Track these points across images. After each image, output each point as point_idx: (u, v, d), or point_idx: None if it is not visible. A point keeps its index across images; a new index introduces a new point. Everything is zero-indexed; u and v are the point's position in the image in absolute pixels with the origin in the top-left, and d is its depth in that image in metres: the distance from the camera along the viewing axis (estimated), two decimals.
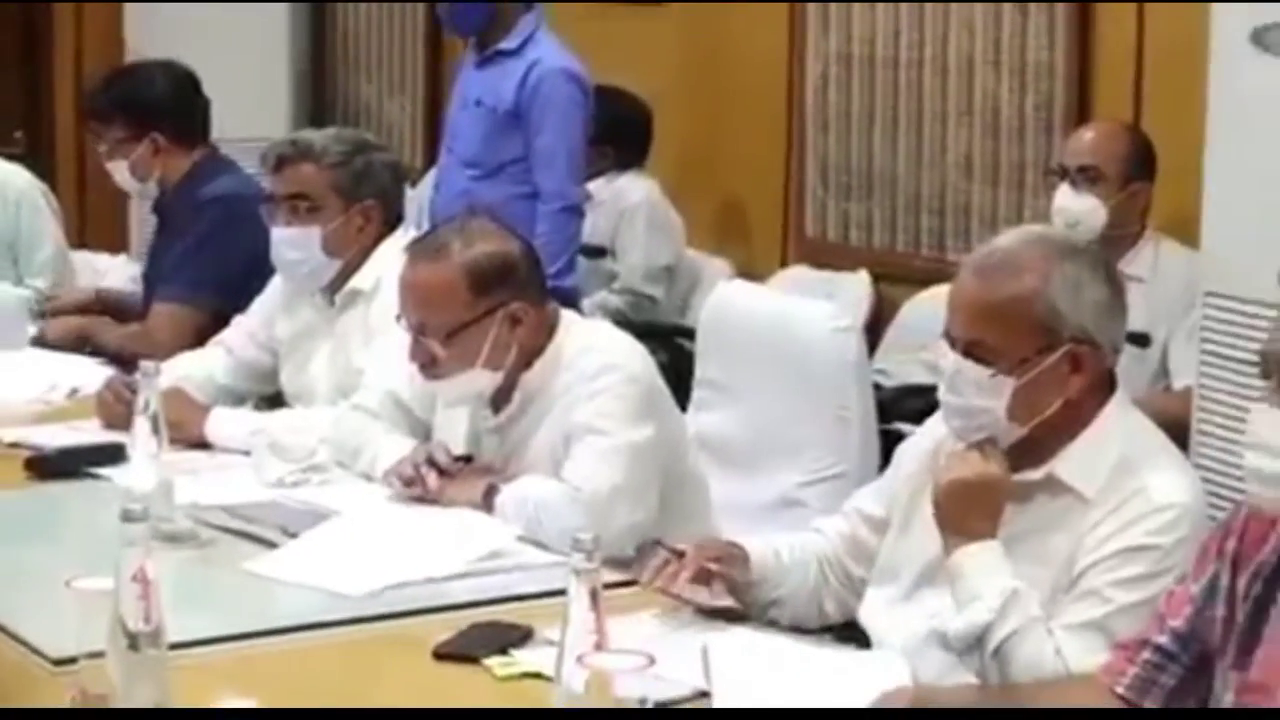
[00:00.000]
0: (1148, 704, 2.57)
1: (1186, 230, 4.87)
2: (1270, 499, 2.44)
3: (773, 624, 3.14)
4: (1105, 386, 2.97)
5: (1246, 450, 2.44)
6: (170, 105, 5.20)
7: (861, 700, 2.51)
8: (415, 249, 3.79)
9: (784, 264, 6.29)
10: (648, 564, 3.17)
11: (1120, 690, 2.58)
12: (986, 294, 2.93)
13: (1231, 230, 4.62)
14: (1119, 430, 2.93)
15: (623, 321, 6.17)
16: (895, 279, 6.07)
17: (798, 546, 3.24)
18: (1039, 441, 2.93)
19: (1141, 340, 4.98)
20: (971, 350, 2.90)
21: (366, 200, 4.36)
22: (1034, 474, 2.93)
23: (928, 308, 5.17)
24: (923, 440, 3.17)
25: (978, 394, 2.90)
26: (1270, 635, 2.45)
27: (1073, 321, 2.89)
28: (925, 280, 5.76)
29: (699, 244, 6.59)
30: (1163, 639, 2.58)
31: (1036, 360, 2.88)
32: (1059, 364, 2.89)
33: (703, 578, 3.06)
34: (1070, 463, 2.91)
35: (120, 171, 5.22)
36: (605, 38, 6.91)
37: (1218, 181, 4.67)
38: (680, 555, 3.09)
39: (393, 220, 4.43)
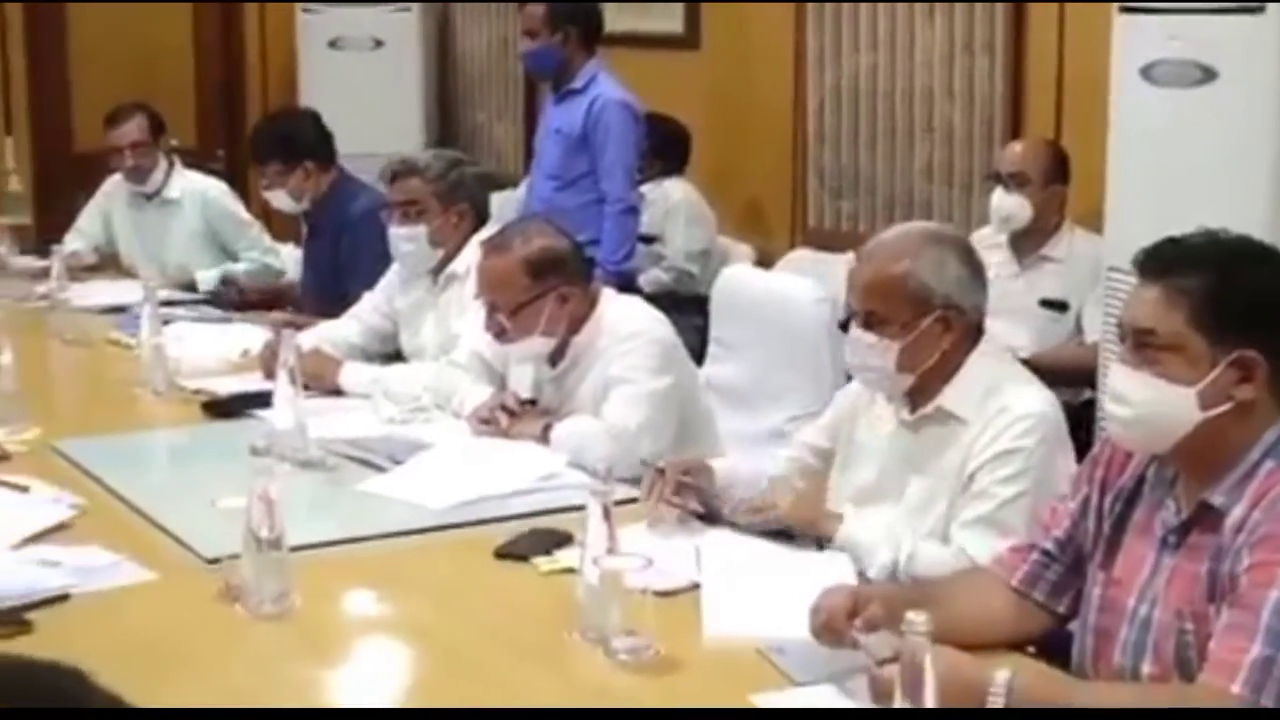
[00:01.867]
0: (1036, 594, 2.55)
1: (1094, 221, 4.83)
2: (1124, 437, 2.43)
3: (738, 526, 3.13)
4: (973, 337, 2.96)
5: (1106, 400, 2.43)
6: (312, 141, 5.21)
7: (812, 591, 2.48)
8: (486, 245, 3.80)
9: (792, 247, 6.26)
10: (641, 484, 3.15)
11: (1014, 583, 2.57)
12: (872, 275, 2.96)
13: (1128, 220, 4.57)
14: (984, 368, 2.94)
15: (669, 293, 6.20)
16: None
17: (756, 468, 3.27)
18: (926, 384, 2.94)
19: (1061, 306, 4.97)
20: (866, 320, 2.93)
21: (460, 204, 4.35)
22: (926, 409, 2.95)
23: None
24: (852, 386, 3.19)
25: (871, 355, 2.93)
26: (1127, 543, 2.44)
27: (940, 293, 2.90)
28: None
29: (727, 232, 6.57)
30: (1047, 544, 2.56)
31: (914, 324, 2.89)
32: (932, 327, 2.90)
33: (680, 489, 3.08)
34: (950, 397, 2.92)
35: (279, 198, 5.22)
36: (655, 76, 6.88)
37: (1117, 183, 4.66)
38: (661, 472, 3.11)
39: (482, 218, 4.41)
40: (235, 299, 5.49)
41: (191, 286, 5.66)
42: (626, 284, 5.37)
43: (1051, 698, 2.20)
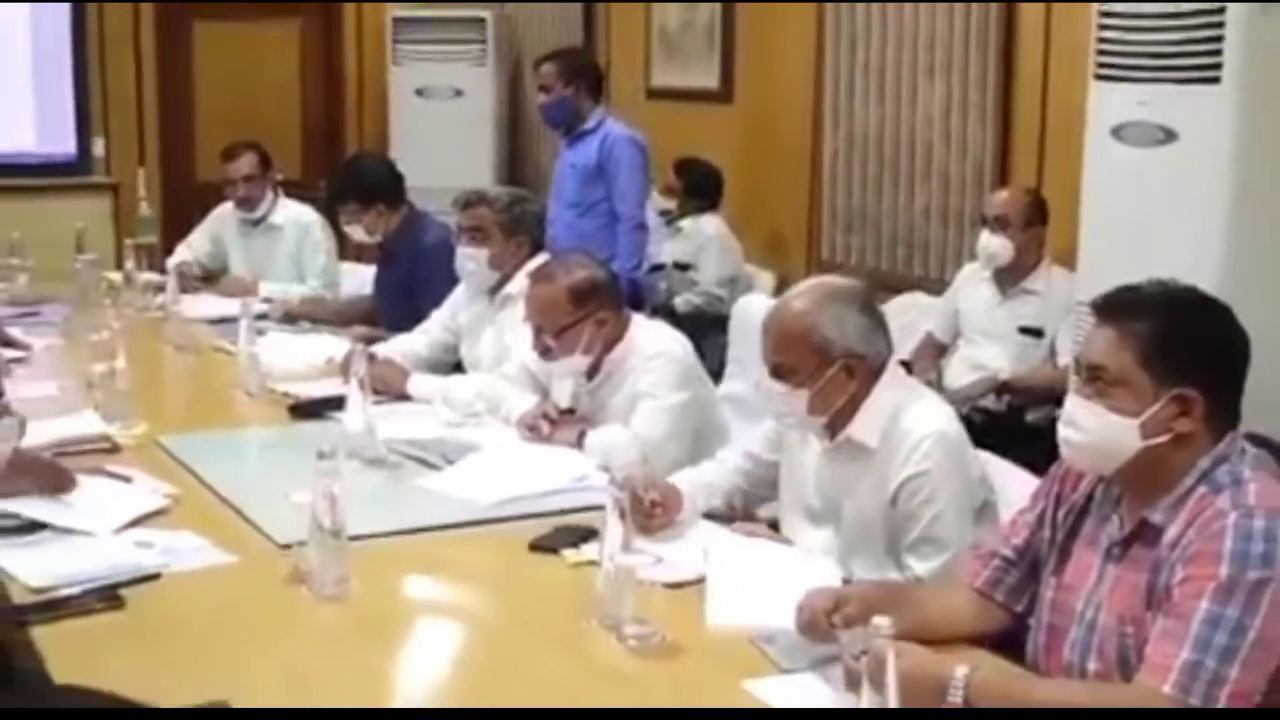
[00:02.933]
0: (996, 595, 2.50)
1: (1069, 259, 4.77)
2: (1074, 459, 2.39)
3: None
4: (876, 376, 2.90)
5: (1060, 425, 2.38)
6: (384, 185, 5.19)
7: (800, 588, 2.44)
8: (534, 275, 3.78)
9: (807, 275, 6.19)
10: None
11: (977, 585, 2.52)
12: (779, 330, 2.90)
13: (1099, 259, 4.54)
14: (886, 398, 2.87)
15: (700, 314, 6.17)
16: (879, 287, 5.96)
17: (712, 483, 3.18)
18: (835, 420, 2.89)
19: (1037, 333, 4.91)
20: (776, 370, 2.88)
21: (520, 235, 4.34)
22: (839, 439, 2.90)
23: (896, 307, 5.12)
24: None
25: (782, 402, 2.89)
26: (1077, 552, 2.40)
27: (840, 345, 2.84)
28: (899, 289, 5.68)
29: (753, 261, 6.55)
30: (1007, 552, 2.51)
31: (819, 374, 2.83)
32: (837, 375, 2.84)
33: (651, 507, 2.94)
34: (858, 427, 2.87)
35: (356, 232, 5.21)
36: (693, 126, 6.90)
37: (1090, 227, 4.61)
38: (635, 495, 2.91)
39: (538, 248, 4.39)
40: (279, 315, 5.36)
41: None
42: (636, 291, 5.49)
43: (1006, 691, 2.16)
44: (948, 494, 2.78)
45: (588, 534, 2.93)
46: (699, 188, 6.51)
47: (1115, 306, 2.30)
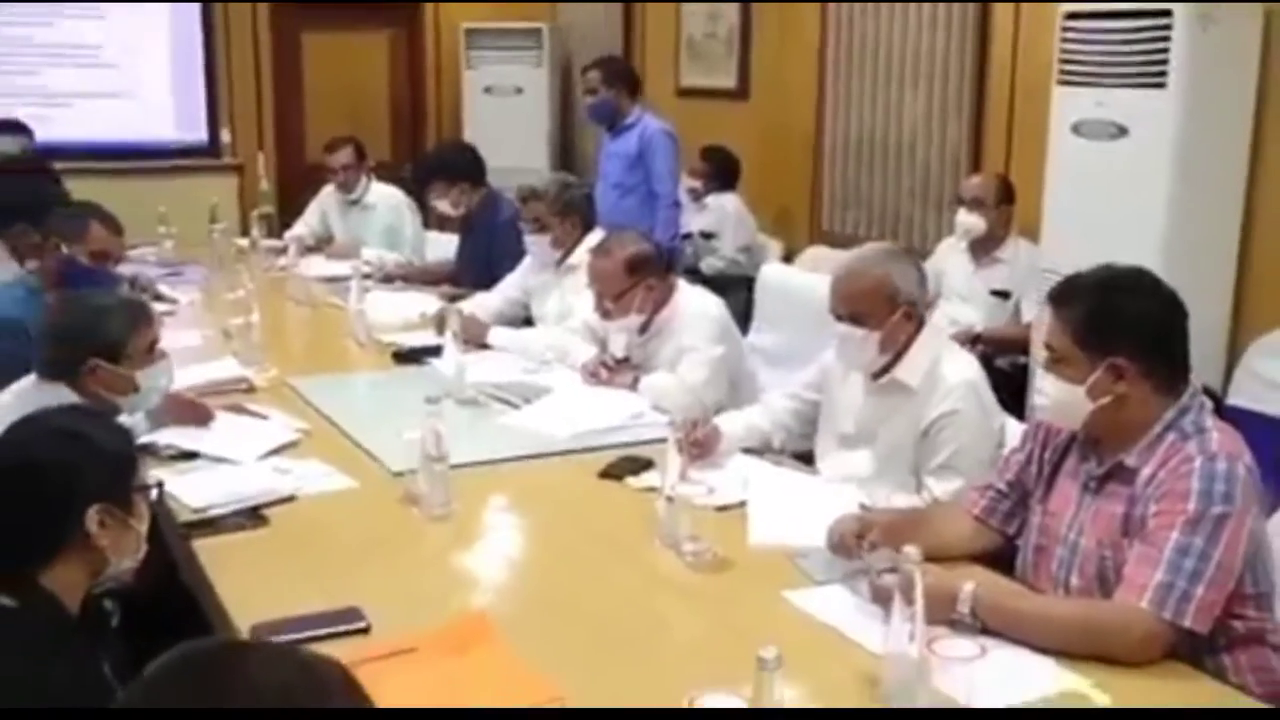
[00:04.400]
0: (992, 521, 2.45)
1: (1033, 233, 4.70)
2: (1047, 418, 2.35)
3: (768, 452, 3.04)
4: (923, 322, 2.86)
5: (1035, 394, 2.33)
6: (467, 167, 5.09)
7: (828, 511, 2.39)
8: (595, 251, 3.69)
9: (810, 244, 6.13)
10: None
11: (976, 513, 2.46)
12: (853, 284, 2.83)
13: (1059, 234, 4.51)
14: (927, 346, 2.82)
15: (723, 275, 6.09)
16: None
17: (754, 424, 3.09)
18: (891, 360, 2.84)
19: (1005, 295, 4.83)
20: (853, 317, 2.81)
21: (572, 216, 4.25)
22: (884, 379, 2.85)
23: None
24: (830, 355, 3.00)
25: (858, 344, 2.82)
26: (1060, 484, 2.34)
27: (904, 293, 2.80)
28: None
29: (765, 231, 6.43)
30: (1000, 484, 2.46)
31: (887, 320, 2.79)
32: (900, 319, 2.80)
33: (696, 444, 2.87)
34: (902, 370, 2.82)
35: (442, 205, 5.11)
36: (716, 119, 6.79)
37: (1051, 207, 4.55)
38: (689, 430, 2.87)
39: (589, 224, 4.30)
40: (379, 276, 5.26)
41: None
42: (670, 257, 5.15)
43: (1006, 603, 2.10)
44: (969, 433, 2.73)
45: (647, 464, 2.89)
46: (721, 171, 6.42)
47: (1057, 295, 2.28)
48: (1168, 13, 4.04)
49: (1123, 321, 2.19)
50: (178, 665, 1.03)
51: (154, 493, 1.99)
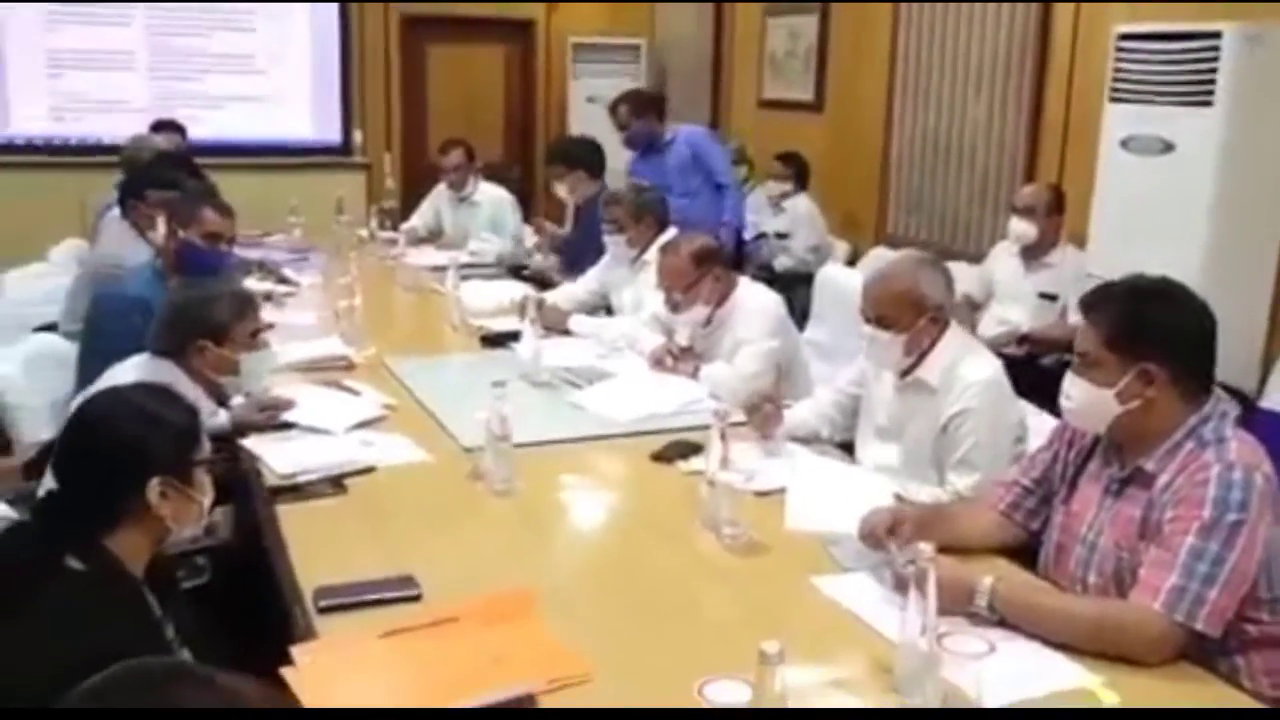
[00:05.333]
0: (1016, 516, 2.30)
1: (1080, 240, 4.48)
2: (1072, 421, 2.18)
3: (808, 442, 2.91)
4: (947, 326, 2.72)
5: (1061, 397, 2.16)
6: (586, 157, 5.00)
7: (862, 502, 2.25)
8: (665, 248, 3.58)
9: (876, 245, 5.95)
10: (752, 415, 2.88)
11: (1001, 508, 2.31)
12: (884, 289, 2.71)
13: (1105, 242, 4.30)
14: (949, 347, 2.70)
15: (794, 273, 5.93)
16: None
17: (805, 418, 2.98)
18: (916, 361, 2.71)
19: (1053, 298, 4.59)
20: (881, 320, 2.69)
21: (647, 218, 4.16)
22: (909, 379, 2.73)
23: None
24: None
25: (884, 346, 2.70)
26: (1082, 486, 2.18)
27: (931, 300, 2.67)
28: (945, 258, 5.31)
29: (834, 233, 6.27)
30: (1026, 481, 2.30)
31: (913, 324, 2.67)
32: (926, 324, 2.67)
33: (763, 423, 2.84)
34: (925, 370, 2.70)
35: (560, 189, 5.06)
36: (793, 128, 6.64)
37: (1099, 217, 4.35)
38: (755, 409, 2.86)
39: (663, 225, 4.18)
40: (483, 265, 5.26)
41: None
42: (741, 254, 5.31)
43: (1023, 598, 1.96)
44: (985, 429, 2.60)
45: (696, 448, 2.77)
46: (795, 175, 6.26)
47: (1090, 303, 2.12)
48: (1218, 34, 3.80)
49: (1156, 328, 2.04)
50: (115, 682, 1.04)
51: (224, 464, 1.92)
